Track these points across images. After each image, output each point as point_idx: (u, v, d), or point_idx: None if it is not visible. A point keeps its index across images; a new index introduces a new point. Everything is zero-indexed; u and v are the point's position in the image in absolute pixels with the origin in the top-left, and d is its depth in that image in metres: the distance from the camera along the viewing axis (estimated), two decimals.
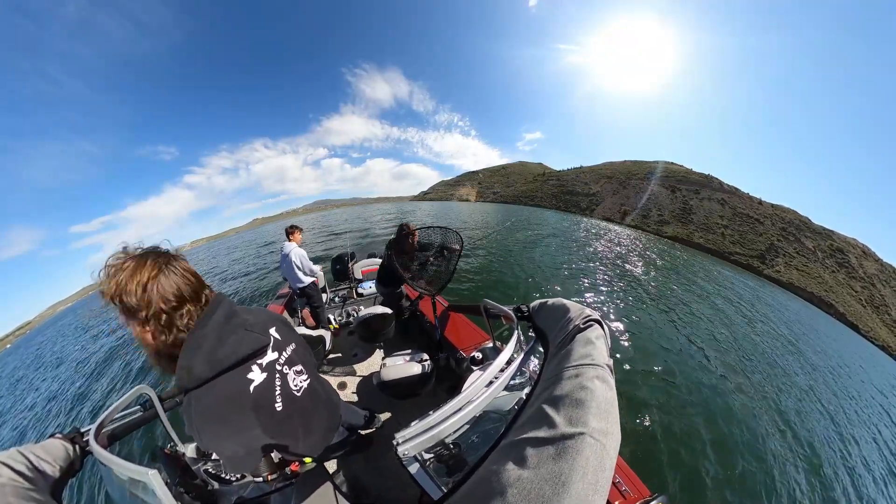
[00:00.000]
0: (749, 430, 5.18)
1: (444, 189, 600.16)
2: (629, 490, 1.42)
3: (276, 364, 1.05)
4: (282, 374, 1.06)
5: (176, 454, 1.22)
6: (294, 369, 1.12)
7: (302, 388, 1.14)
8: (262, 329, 1.05)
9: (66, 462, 0.87)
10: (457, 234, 2.65)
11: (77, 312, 30.55)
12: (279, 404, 1.01)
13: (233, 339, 0.93)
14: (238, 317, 0.99)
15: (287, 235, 4.23)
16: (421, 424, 0.75)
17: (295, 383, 1.11)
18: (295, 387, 1.10)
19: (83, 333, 15.05)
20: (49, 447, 0.86)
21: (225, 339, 0.92)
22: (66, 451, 0.89)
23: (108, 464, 0.77)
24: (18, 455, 0.76)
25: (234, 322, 0.96)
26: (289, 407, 1.05)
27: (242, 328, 0.97)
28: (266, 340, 1.02)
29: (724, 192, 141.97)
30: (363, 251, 5.95)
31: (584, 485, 0.35)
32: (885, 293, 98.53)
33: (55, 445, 0.88)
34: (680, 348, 7.54)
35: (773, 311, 18.94)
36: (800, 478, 4.71)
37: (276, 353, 1.07)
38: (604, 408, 0.47)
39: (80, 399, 7.04)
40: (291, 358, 1.12)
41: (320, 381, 1.32)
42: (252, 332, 0.99)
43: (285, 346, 1.12)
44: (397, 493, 2.01)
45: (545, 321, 0.86)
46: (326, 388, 1.35)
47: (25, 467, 0.75)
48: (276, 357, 1.06)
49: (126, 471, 0.74)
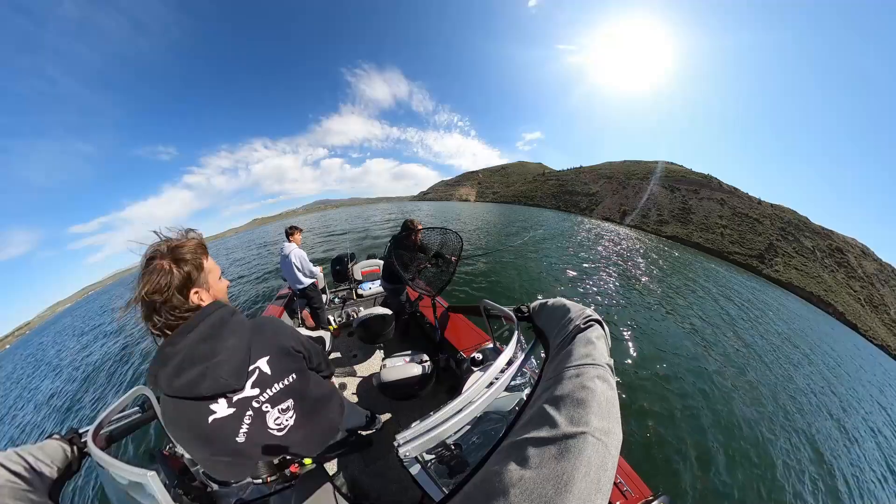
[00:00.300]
0: (750, 429, 5.19)
1: (444, 189, 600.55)
2: (631, 490, 1.41)
3: (254, 401, 0.95)
4: (258, 411, 0.96)
5: (174, 455, 1.22)
6: (280, 407, 1.00)
7: (286, 426, 1.02)
8: (238, 367, 0.91)
9: (63, 463, 0.87)
10: (457, 235, 2.66)
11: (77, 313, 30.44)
12: (241, 437, 0.93)
13: (193, 374, 0.84)
14: (218, 341, 0.88)
15: (287, 236, 4.23)
16: (422, 425, 0.74)
17: (276, 422, 1.00)
18: (275, 425, 1.00)
19: (82, 335, 15.03)
20: (47, 448, 0.86)
21: (186, 369, 0.84)
22: (63, 453, 0.88)
23: (106, 465, 0.77)
24: (15, 456, 0.76)
25: (205, 351, 0.86)
26: (254, 442, 0.97)
27: (206, 365, 0.85)
28: (230, 385, 0.89)
29: (724, 192, 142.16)
30: (363, 252, 5.95)
31: (586, 484, 0.35)
32: (884, 292, 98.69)
33: (53, 447, 0.87)
34: (680, 349, 7.54)
35: (771, 311, 18.96)
36: (804, 478, 4.72)
37: (258, 390, 0.95)
38: (605, 407, 0.47)
39: (78, 400, 7.04)
40: (280, 395, 1.00)
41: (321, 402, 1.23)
42: (216, 377, 0.86)
43: (276, 381, 0.99)
44: (398, 494, 2.00)
45: (545, 321, 0.86)
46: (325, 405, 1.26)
47: (23, 468, 0.75)
48: (256, 394, 0.95)
49: (124, 472, 0.73)
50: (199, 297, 0.93)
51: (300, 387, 1.07)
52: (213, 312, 0.91)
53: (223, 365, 0.88)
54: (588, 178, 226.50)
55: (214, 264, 1.02)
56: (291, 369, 1.05)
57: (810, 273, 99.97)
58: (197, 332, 0.87)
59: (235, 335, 0.93)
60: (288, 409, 1.03)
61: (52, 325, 36.15)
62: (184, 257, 0.90)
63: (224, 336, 0.90)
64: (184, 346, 0.85)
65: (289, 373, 1.04)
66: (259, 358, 0.97)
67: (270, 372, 0.98)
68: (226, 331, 0.91)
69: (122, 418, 1.19)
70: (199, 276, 0.93)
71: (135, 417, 1.23)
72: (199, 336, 0.86)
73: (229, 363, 0.89)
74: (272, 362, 0.99)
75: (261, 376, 0.96)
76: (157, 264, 0.86)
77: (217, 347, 0.88)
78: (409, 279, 2.80)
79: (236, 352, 0.91)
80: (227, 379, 0.88)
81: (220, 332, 0.90)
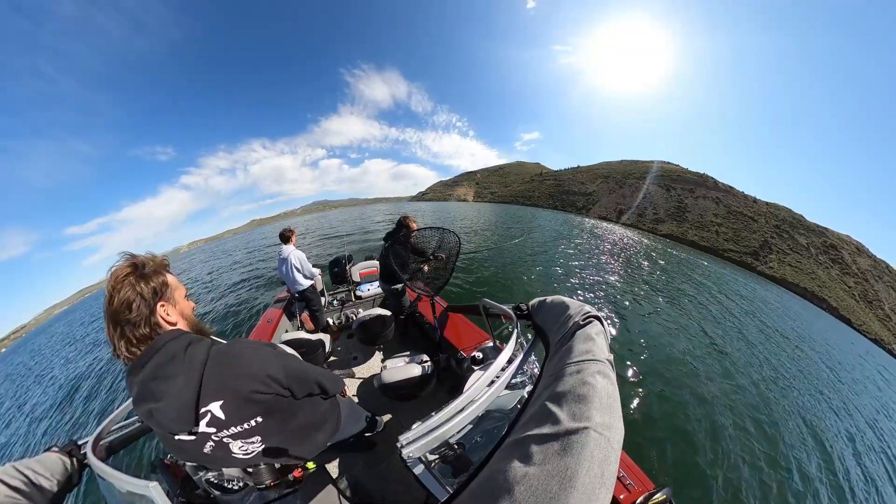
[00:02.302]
0: (751, 424, 5.23)
1: (442, 189, 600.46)
2: (633, 483, 1.42)
3: (212, 436, 0.90)
4: (219, 443, 0.92)
5: (176, 465, 1.21)
6: (244, 440, 0.96)
7: (254, 451, 1.00)
8: (182, 412, 0.81)
9: (63, 476, 0.86)
10: (454, 235, 2.66)
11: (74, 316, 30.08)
12: (208, 450, 0.93)
13: (143, 412, 0.82)
14: (165, 381, 0.81)
15: (285, 240, 4.23)
16: (424, 426, 0.74)
17: (242, 449, 0.97)
18: (241, 451, 0.98)
19: (79, 340, 14.88)
20: (45, 461, 0.85)
21: (140, 404, 0.82)
22: (63, 465, 0.88)
23: (107, 477, 0.77)
24: (14, 471, 0.75)
25: (153, 390, 0.81)
26: (221, 459, 0.97)
27: (153, 408, 0.80)
28: (174, 428, 0.83)
29: (719, 191, 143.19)
30: (360, 253, 5.93)
31: (590, 479, 0.35)
32: (878, 288, 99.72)
33: (52, 459, 0.87)
34: (678, 344, 7.58)
35: (767, 307, 19.12)
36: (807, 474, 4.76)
37: (214, 429, 0.88)
38: (606, 402, 0.47)
39: (77, 410, 6.95)
40: (242, 434, 0.94)
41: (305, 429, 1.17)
42: (161, 419, 0.81)
43: (233, 425, 0.90)
44: (402, 495, 2.00)
45: (545, 319, 0.87)
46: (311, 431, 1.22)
47: (22, 483, 0.75)
48: (213, 431, 0.89)
49: (126, 484, 0.73)
50: (165, 312, 0.90)
51: (268, 425, 0.99)
52: (165, 345, 0.84)
53: (166, 411, 0.80)
54: (585, 177, 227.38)
55: (179, 283, 0.99)
56: (254, 413, 0.94)
57: (804, 270, 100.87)
58: (147, 370, 0.81)
59: (182, 375, 0.82)
60: (254, 441, 0.98)
61: (49, 327, 35.75)
62: (149, 273, 0.89)
63: (170, 375, 0.81)
64: (137, 381, 0.82)
65: (250, 417, 0.93)
66: (211, 402, 0.85)
67: (224, 417, 0.88)
68: (173, 369, 0.82)
69: (121, 428, 1.18)
70: (166, 291, 0.91)
71: (134, 427, 1.22)
72: (147, 374, 0.81)
73: (172, 409, 0.80)
74: (226, 407, 0.87)
75: (214, 419, 0.87)
76: (125, 280, 0.83)
77: (162, 389, 0.80)
78: (406, 279, 2.80)
79: (180, 396, 0.81)
80: (172, 423, 0.81)
81: (168, 369, 0.82)
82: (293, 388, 1.05)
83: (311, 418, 1.19)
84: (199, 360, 0.86)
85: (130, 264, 0.87)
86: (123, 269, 0.85)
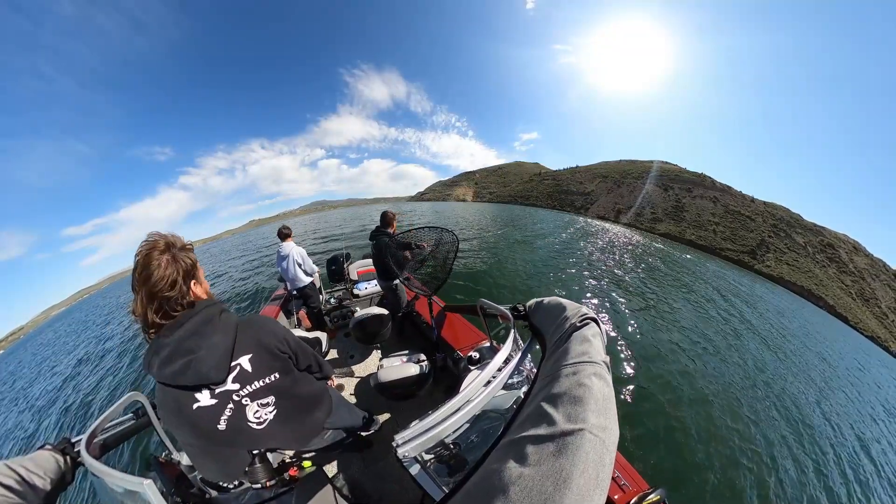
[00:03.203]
0: (749, 423, 5.26)
1: (441, 189, 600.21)
2: (628, 484, 1.43)
3: (234, 395, 1.02)
4: (238, 404, 1.02)
5: (171, 462, 1.21)
6: (260, 401, 1.06)
7: (266, 419, 1.08)
8: (219, 361, 0.96)
9: (56, 474, 0.86)
10: (452, 234, 2.66)
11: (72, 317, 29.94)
12: (222, 426, 1.00)
13: (178, 366, 0.91)
14: (204, 337, 0.94)
15: (284, 237, 4.25)
16: (420, 425, 0.74)
17: (256, 415, 1.06)
18: (255, 418, 1.06)
19: (76, 338, 14.81)
20: (39, 459, 0.84)
21: (173, 361, 0.91)
22: (56, 463, 0.87)
23: (101, 475, 0.76)
24: (6, 469, 0.75)
25: (192, 345, 0.92)
26: (234, 430, 1.02)
27: (191, 358, 0.92)
28: (212, 378, 0.95)
29: (717, 191, 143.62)
30: (358, 252, 5.92)
31: (585, 480, 0.35)
32: (874, 286, 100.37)
33: (45, 457, 0.86)
34: (675, 344, 7.61)
35: (763, 304, 19.21)
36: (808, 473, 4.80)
37: (238, 385, 1.02)
38: (602, 404, 0.47)
39: (72, 407, 6.92)
40: (260, 391, 1.06)
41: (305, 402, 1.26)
42: (198, 369, 0.92)
43: (256, 379, 1.05)
44: (398, 495, 2.00)
45: (542, 320, 0.87)
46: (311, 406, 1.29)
47: (14, 481, 0.74)
48: (237, 388, 1.02)
49: (120, 482, 0.73)
50: (195, 287, 1.01)
51: (282, 385, 1.12)
52: (203, 310, 0.98)
53: (205, 360, 0.93)
54: (584, 177, 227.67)
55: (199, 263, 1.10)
56: (274, 368, 1.10)
57: (802, 268, 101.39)
58: (185, 329, 0.93)
59: (220, 333, 0.98)
60: (268, 404, 1.09)
61: (47, 328, 35.56)
62: (181, 252, 0.97)
63: (209, 333, 0.96)
64: (173, 340, 0.91)
65: (271, 371, 1.09)
66: (241, 355, 1.03)
67: (251, 369, 1.04)
68: (211, 328, 0.97)
69: (115, 426, 1.17)
70: (195, 270, 1.02)
71: (129, 425, 1.21)
72: (186, 332, 0.93)
73: (211, 358, 0.95)
74: (253, 360, 1.05)
75: (241, 373, 1.02)
76: (162, 257, 0.91)
77: (201, 343, 0.94)
78: (404, 279, 2.80)
79: (218, 348, 0.97)
80: (208, 371, 0.94)
81: (206, 329, 0.96)
82: (298, 355, 1.22)
83: (309, 391, 1.29)
84: (232, 323, 1.04)
85: (165, 243, 0.95)
86: (159, 248, 0.92)
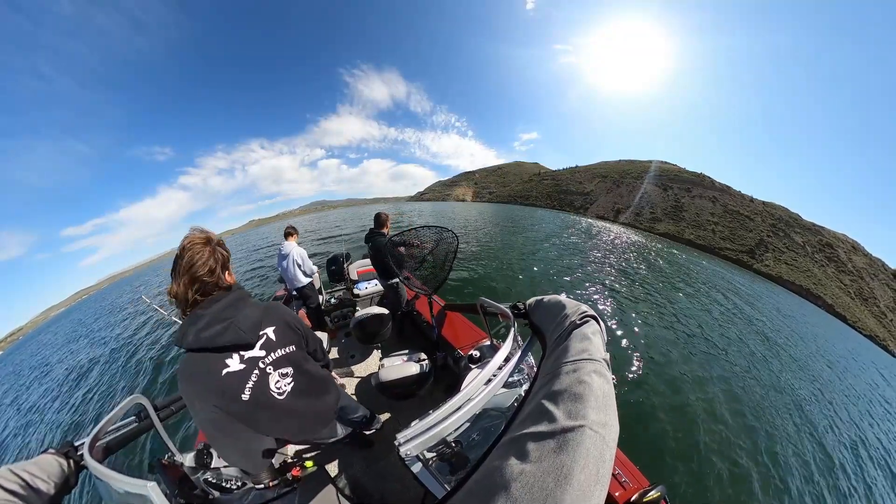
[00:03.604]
0: (752, 421, 5.28)
1: (441, 189, 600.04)
2: (629, 480, 1.44)
3: (260, 361, 1.14)
4: (262, 371, 1.14)
5: (174, 464, 1.21)
6: (280, 371, 1.19)
7: (285, 391, 1.19)
8: (252, 327, 1.12)
9: (60, 478, 0.86)
10: (451, 234, 2.66)
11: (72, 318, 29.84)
12: (246, 395, 1.09)
13: (218, 328, 1.04)
14: (239, 309, 1.11)
15: (286, 236, 4.25)
16: (422, 424, 0.75)
17: (277, 385, 1.18)
18: (275, 387, 1.17)
19: (78, 340, 14.79)
20: (42, 463, 0.84)
21: (213, 325, 1.04)
22: (60, 467, 0.87)
23: (105, 478, 0.76)
24: (10, 474, 0.75)
25: (229, 313, 1.08)
26: (257, 400, 1.11)
27: (230, 321, 1.07)
28: (247, 339, 1.10)
29: (716, 190, 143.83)
30: (358, 252, 5.93)
31: (585, 476, 0.35)
32: (873, 286, 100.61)
33: (48, 461, 0.86)
34: (674, 340, 7.63)
35: (761, 302, 19.26)
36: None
37: (264, 352, 1.15)
38: (602, 401, 0.48)
39: (74, 410, 6.91)
40: (281, 360, 1.19)
41: (316, 382, 1.35)
42: (237, 329, 1.07)
43: (279, 347, 1.19)
44: (401, 494, 2.00)
45: (542, 318, 0.87)
46: (321, 388, 1.39)
47: (18, 486, 0.74)
48: (263, 355, 1.15)
49: (123, 485, 0.73)
50: (229, 278, 1.17)
51: (298, 358, 1.26)
52: (236, 291, 1.16)
53: (242, 322, 1.10)
54: (583, 177, 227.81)
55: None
56: (292, 341, 1.25)
57: (800, 267, 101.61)
58: (223, 302, 1.08)
59: (251, 307, 1.16)
60: (287, 374, 1.21)
61: (46, 329, 35.50)
62: (218, 246, 1.13)
63: (242, 307, 1.13)
64: (213, 310, 1.05)
65: (290, 343, 1.24)
66: (268, 326, 1.19)
67: (275, 339, 1.19)
68: (243, 304, 1.14)
69: (118, 428, 1.18)
70: (228, 263, 1.18)
71: (132, 427, 1.22)
72: (224, 304, 1.08)
73: (246, 322, 1.11)
74: (277, 332, 1.20)
75: (267, 341, 1.17)
76: (205, 249, 1.07)
77: (237, 313, 1.10)
78: (403, 278, 2.80)
79: (251, 317, 1.14)
80: (244, 332, 1.09)
81: (240, 304, 1.13)
82: (308, 337, 1.37)
83: (318, 371, 1.40)
84: (259, 303, 1.23)
85: (206, 237, 1.11)
86: (201, 240, 1.09)
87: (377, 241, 3.39)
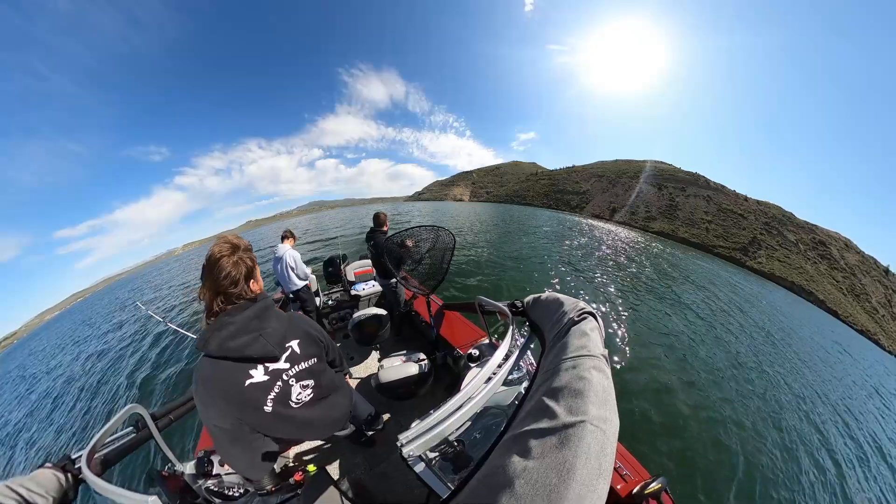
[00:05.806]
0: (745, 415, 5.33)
1: (439, 189, 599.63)
2: (630, 474, 1.46)
3: (284, 374, 1.14)
4: (285, 383, 1.14)
5: (174, 475, 1.20)
6: (302, 383, 1.20)
7: (302, 402, 1.21)
8: (279, 340, 1.13)
9: (59, 493, 0.84)
10: (449, 233, 2.66)
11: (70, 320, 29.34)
12: (268, 406, 1.09)
13: (245, 339, 1.04)
14: (265, 321, 1.11)
15: (282, 239, 4.24)
16: (423, 424, 0.75)
17: (298, 396, 1.19)
18: (295, 399, 1.18)
19: (71, 345, 14.58)
20: (39, 478, 0.83)
21: (240, 335, 1.04)
22: (58, 482, 0.86)
23: (104, 493, 0.75)
24: (7, 490, 0.74)
25: (256, 325, 1.08)
26: (277, 412, 1.11)
27: (259, 333, 1.07)
28: (273, 352, 1.10)
29: (710, 190, 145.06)
30: (355, 253, 5.91)
31: (588, 470, 0.36)
32: (865, 282, 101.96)
33: (46, 476, 0.85)
34: (672, 336, 7.69)
35: (756, 298, 19.46)
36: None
37: (288, 364, 1.15)
38: (602, 396, 0.48)
39: (71, 421, 6.76)
40: (304, 373, 1.20)
41: (333, 390, 1.39)
42: (265, 342, 1.08)
43: (302, 361, 1.20)
44: (404, 494, 2.00)
45: (540, 315, 0.88)
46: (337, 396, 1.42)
47: (16, 503, 0.73)
48: (287, 367, 1.15)
49: (123, 499, 0.72)
50: (254, 286, 1.16)
51: (319, 370, 1.27)
52: (262, 300, 1.15)
53: (270, 336, 1.10)
54: (579, 177, 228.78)
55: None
56: (314, 354, 1.25)
57: (793, 264, 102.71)
58: (250, 311, 1.08)
59: (276, 319, 1.16)
60: (307, 386, 1.23)
61: (40, 334, 34.93)
62: (245, 253, 1.13)
63: (268, 318, 1.13)
64: (239, 319, 1.05)
65: (312, 356, 1.24)
66: (292, 339, 1.19)
67: (300, 351, 1.20)
68: (269, 314, 1.14)
69: (116, 440, 1.16)
70: (255, 271, 1.17)
71: (130, 438, 1.20)
72: (251, 314, 1.08)
73: (275, 337, 1.11)
74: (301, 345, 1.21)
75: (292, 353, 1.17)
76: (229, 260, 1.07)
77: (264, 325, 1.10)
78: (401, 278, 2.80)
79: (278, 331, 1.14)
80: (272, 346, 1.09)
81: (266, 314, 1.13)
82: (329, 348, 1.38)
83: (334, 378, 1.42)
84: (283, 314, 1.23)
85: (232, 246, 1.10)
86: (227, 250, 1.09)
87: (378, 239, 3.42)
